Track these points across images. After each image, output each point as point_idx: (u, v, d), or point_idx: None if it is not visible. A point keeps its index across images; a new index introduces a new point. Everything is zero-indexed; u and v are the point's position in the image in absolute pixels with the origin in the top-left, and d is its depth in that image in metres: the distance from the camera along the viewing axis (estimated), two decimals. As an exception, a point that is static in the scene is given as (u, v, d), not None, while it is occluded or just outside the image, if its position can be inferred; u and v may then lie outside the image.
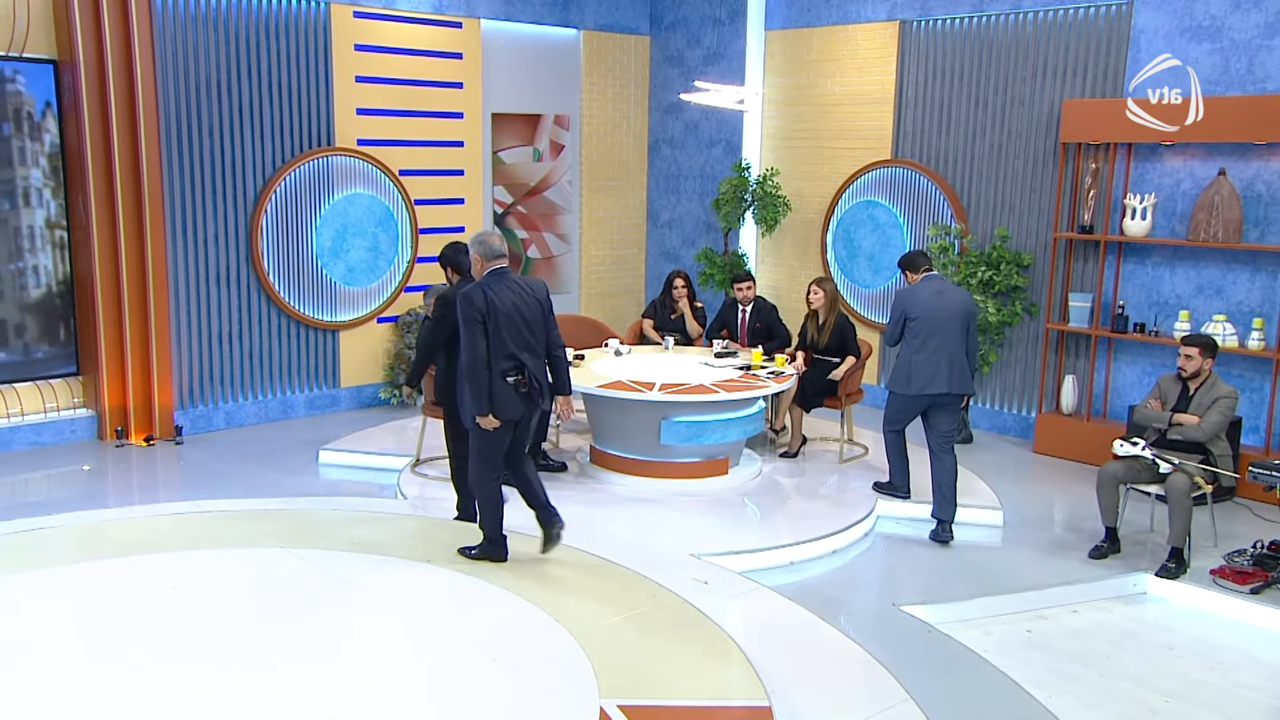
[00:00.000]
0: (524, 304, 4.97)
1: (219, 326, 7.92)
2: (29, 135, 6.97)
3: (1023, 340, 8.14)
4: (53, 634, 4.46)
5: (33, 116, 6.96)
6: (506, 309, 4.91)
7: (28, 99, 6.92)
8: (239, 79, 7.72)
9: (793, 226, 9.51)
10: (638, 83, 10.36)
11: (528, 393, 5.00)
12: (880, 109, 8.78)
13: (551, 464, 6.89)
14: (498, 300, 4.89)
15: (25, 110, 6.93)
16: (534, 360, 5.03)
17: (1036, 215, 7.97)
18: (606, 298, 10.53)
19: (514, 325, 4.93)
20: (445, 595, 4.96)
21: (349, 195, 8.46)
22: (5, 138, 6.92)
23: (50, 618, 4.60)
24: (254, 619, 4.65)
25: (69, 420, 7.49)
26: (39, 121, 6.99)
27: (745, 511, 6.35)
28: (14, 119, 6.90)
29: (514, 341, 4.93)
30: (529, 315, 4.98)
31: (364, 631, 4.56)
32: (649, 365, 7.08)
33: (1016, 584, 5.49)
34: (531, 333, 5.01)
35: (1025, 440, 8.09)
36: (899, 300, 6.18)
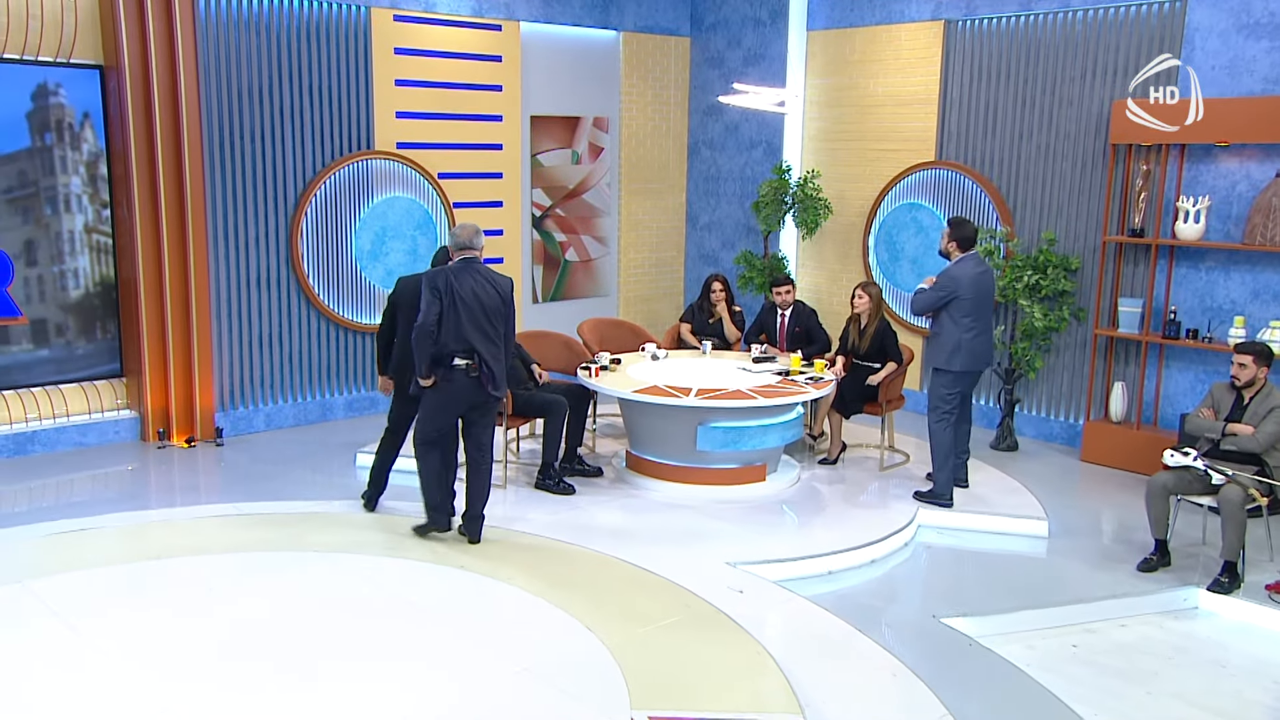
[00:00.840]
0: (484, 293, 5.33)
1: (259, 329, 8.02)
2: (69, 144, 7.14)
3: (1070, 346, 8.00)
4: (93, 636, 4.53)
5: (73, 127, 7.14)
6: (465, 295, 5.26)
7: (69, 110, 7.11)
8: (280, 83, 7.82)
9: (834, 229, 9.43)
10: (677, 84, 10.34)
11: (477, 378, 5.32)
12: (924, 110, 8.68)
13: (587, 469, 6.88)
14: (458, 285, 5.26)
15: (66, 121, 7.12)
16: (488, 347, 5.34)
17: (1085, 218, 7.82)
18: (645, 301, 10.52)
19: (472, 312, 5.27)
20: (477, 601, 4.97)
21: (388, 198, 8.53)
22: (48, 147, 7.08)
23: (91, 619, 4.68)
24: (285, 623, 4.69)
25: (113, 421, 7.64)
26: (79, 131, 7.14)
27: (782, 519, 6.30)
28: (56, 129, 7.09)
29: (470, 326, 5.27)
30: (488, 304, 5.32)
31: (394, 637, 4.58)
32: (686, 370, 7.06)
33: (1062, 597, 5.39)
34: (490, 322, 5.33)
35: (1072, 448, 7.95)
36: (951, 280, 6.27)
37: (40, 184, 7.10)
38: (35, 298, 7.20)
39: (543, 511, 6.24)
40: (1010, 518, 6.30)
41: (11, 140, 6.93)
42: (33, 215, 7.10)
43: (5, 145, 6.92)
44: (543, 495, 6.53)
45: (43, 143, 7.05)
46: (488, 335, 5.34)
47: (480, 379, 5.34)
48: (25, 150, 7.00)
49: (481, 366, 5.31)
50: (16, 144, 6.95)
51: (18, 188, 7.00)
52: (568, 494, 6.53)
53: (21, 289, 7.14)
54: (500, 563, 5.40)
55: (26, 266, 7.11)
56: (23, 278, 7.12)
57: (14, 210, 7.02)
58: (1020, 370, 7.93)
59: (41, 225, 7.14)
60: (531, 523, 6.02)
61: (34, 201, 7.09)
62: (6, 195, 6.98)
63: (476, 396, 5.39)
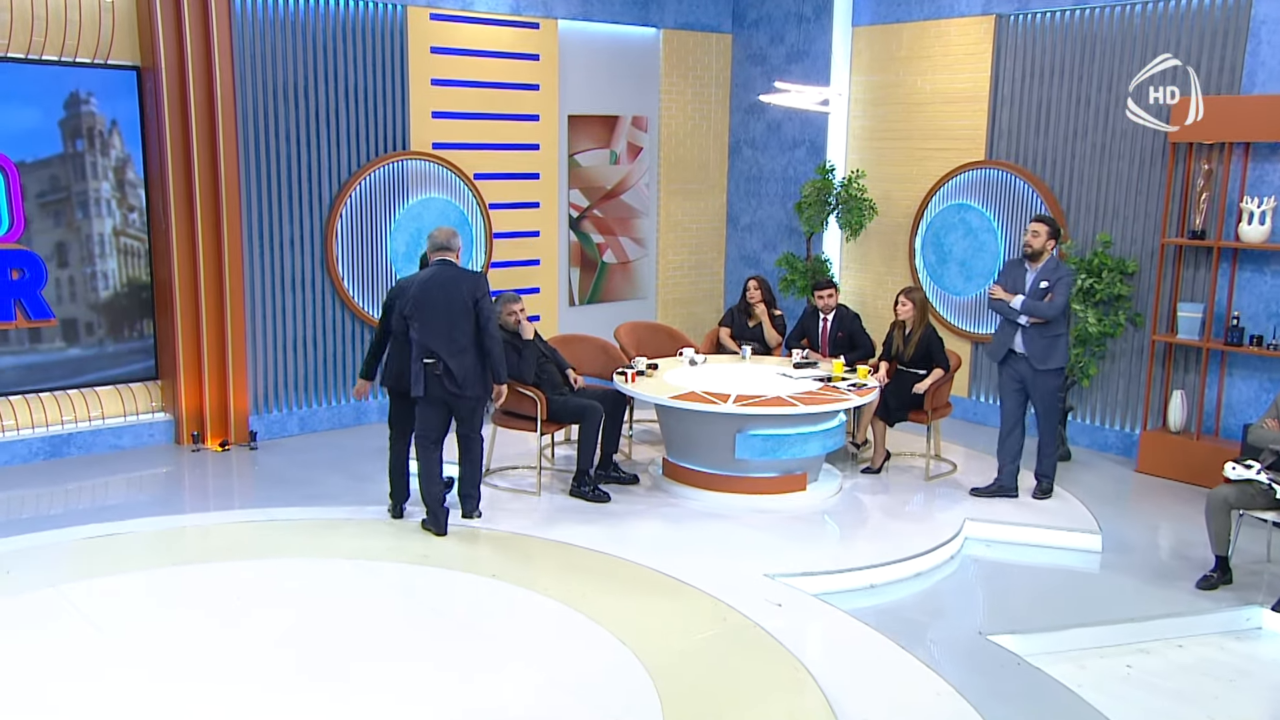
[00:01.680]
0: (449, 295, 5.66)
1: (293, 332, 8.11)
2: (100, 151, 7.28)
3: (1126, 352, 7.84)
4: (123, 642, 4.59)
5: (104, 134, 7.30)
6: (428, 299, 5.65)
7: (99, 118, 7.30)
8: (315, 83, 7.89)
9: (879, 231, 9.34)
10: (718, 82, 10.30)
11: (440, 376, 5.68)
12: (973, 108, 8.56)
13: (623, 476, 6.86)
14: (419, 291, 5.67)
15: (97, 129, 7.29)
16: (447, 346, 5.67)
17: (1142, 220, 7.67)
18: (684, 304, 10.48)
19: (435, 314, 5.65)
20: (509, 612, 4.97)
21: (423, 200, 8.58)
22: (80, 153, 7.23)
23: (122, 625, 4.75)
24: (315, 632, 4.72)
25: (147, 424, 7.75)
26: (108, 138, 7.29)
27: (823, 530, 6.24)
28: (87, 136, 7.25)
29: (431, 329, 5.65)
30: (453, 306, 5.66)
31: (425, 647, 4.59)
32: (724, 375, 7.01)
33: (1116, 614, 5.28)
34: (451, 323, 5.67)
35: (1127, 459, 7.79)
36: (1070, 276, 6.52)
37: (73, 189, 7.24)
38: (67, 298, 7.34)
39: (577, 520, 6.23)
40: (1062, 531, 6.18)
41: (46, 146, 7.11)
42: (64, 218, 7.25)
43: (40, 151, 7.10)
44: (577, 503, 6.52)
45: (74, 149, 7.21)
46: (449, 336, 5.68)
47: (441, 377, 5.71)
48: (58, 156, 7.16)
49: (441, 365, 5.68)
50: (50, 150, 7.13)
51: (50, 192, 7.16)
52: (603, 502, 6.52)
53: (54, 290, 7.28)
54: (533, 572, 5.39)
55: (59, 268, 7.26)
56: (54, 279, 7.26)
57: (47, 214, 7.17)
58: (1074, 377, 7.78)
59: (74, 228, 7.29)
60: (565, 532, 6.01)
61: (66, 205, 7.23)
62: (40, 199, 7.13)
63: (445, 394, 5.77)
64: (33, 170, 7.08)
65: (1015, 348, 6.53)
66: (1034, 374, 6.51)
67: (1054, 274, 6.42)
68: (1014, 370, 6.59)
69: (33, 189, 7.10)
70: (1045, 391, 6.53)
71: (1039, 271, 6.46)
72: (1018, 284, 6.53)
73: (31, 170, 7.07)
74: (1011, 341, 6.53)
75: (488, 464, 7.00)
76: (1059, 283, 6.39)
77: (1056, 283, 6.39)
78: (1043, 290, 6.41)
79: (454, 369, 5.70)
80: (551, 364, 6.88)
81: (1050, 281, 6.40)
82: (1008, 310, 6.48)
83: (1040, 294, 6.42)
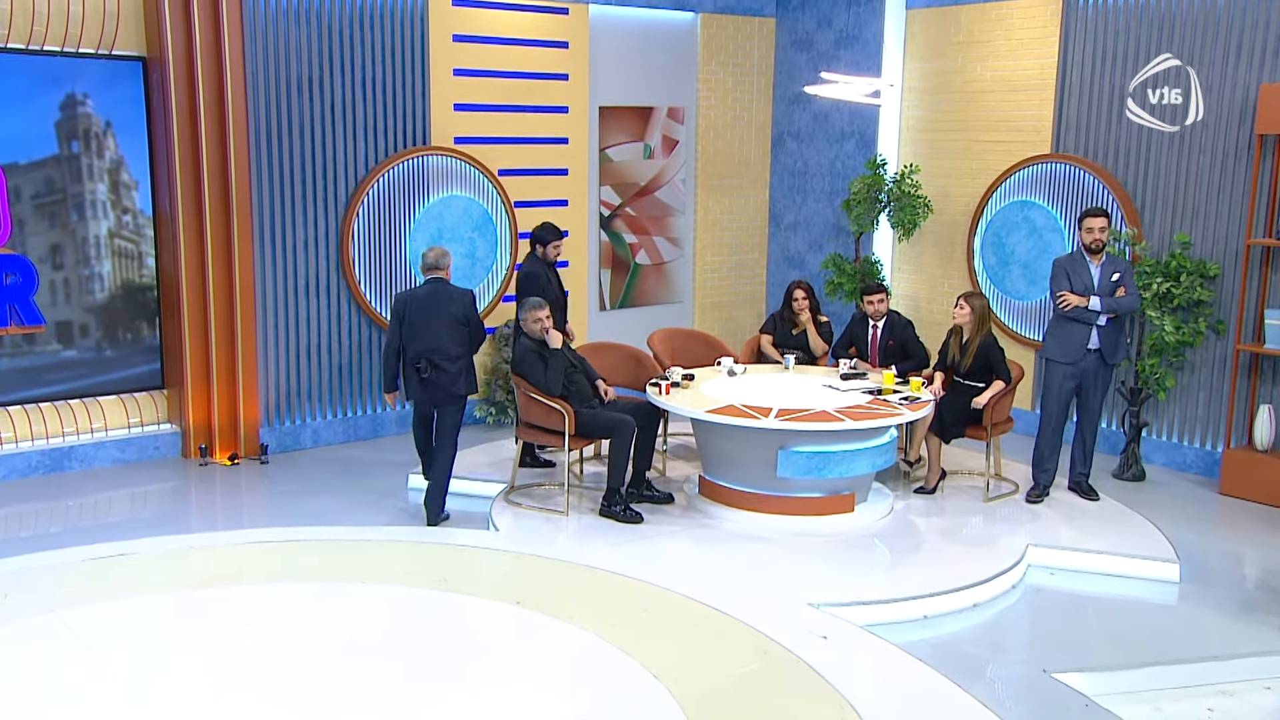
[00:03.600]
0: (437, 307, 6.52)
1: (307, 339, 8.18)
2: (95, 153, 7.41)
3: (1207, 363, 7.71)
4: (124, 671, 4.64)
5: (99, 135, 7.44)
6: (420, 313, 6.51)
7: (95, 120, 7.44)
8: (330, 74, 7.97)
9: (934, 230, 9.26)
10: (761, 70, 10.27)
11: (428, 378, 6.50)
12: (1039, 97, 8.47)
13: (657, 495, 6.85)
14: (413, 302, 6.56)
15: (93, 131, 7.43)
16: (438, 351, 6.50)
17: (1225, 219, 7.54)
18: (722, 309, 10.45)
19: (426, 325, 6.49)
20: (534, 642, 4.97)
21: (445, 198, 8.63)
22: (75, 155, 7.35)
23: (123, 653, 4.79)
24: (327, 661, 4.75)
25: (153, 436, 7.85)
26: (103, 139, 7.42)
27: (873, 555, 6.18)
28: (83, 138, 7.39)
29: (422, 337, 6.50)
30: (444, 318, 6.51)
31: (443, 679, 4.60)
32: (766, 387, 6.98)
33: (1195, 652, 5.19)
34: (446, 333, 6.50)
35: (1209, 479, 7.65)
36: (1129, 263, 6.93)
37: (68, 190, 7.37)
38: (62, 301, 7.46)
39: (607, 542, 6.23)
40: (1135, 559, 6.08)
41: (41, 147, 7.26)
42: (59, 220, 7.38)
43: (35, 152, 7.25)
44: (607, 524, 6.52)
45: (70, 151, 7.33)
46: (440, 341, 6.51)
47: (429, 380, 6.52)
48: (53, 157, 7.30)
49: (431, 369, 6.49)
50: (45, 151, 7.27)
51: (45, 194, 7.29)
52: (635, 523, 6.51)
53: (48, 294, 7.39)
54: (559, 599, 5.39)
55: (53, 270, 7.38)
56: (49, 281, 7.38)
57: (41, 215, 7.30)
58: (1148, 390, 7.67)
59: (68, 231, 7.41)
60: (594, 554, 6.01)
61: (61, 207, 7.36)
62: (35, 201, 7.26)
63: (432, 395, 6.59)
64: (26, 173, 7.20)
65: (1092, 345, 6.82)
66: (1102, 369, 6.89)
67: (1117, 265, 6.80)
68: (1078, 369, 6.87)
69: (27, 191, 7.22)
70: (1107, 385, 6.98)
71: (1104, 265, 6.79)
72: (1085, 282, 6.79)
73: (25, 173, 7.19)
74: (1088, 340, 6.81)
75: (511, 480, 7.02)
76: (1127, 273, 6.77)
77: (1125, 273, 6.76)
78: (1114, 283, 6.74)
79: (446, 368, 6.53)
80: (580, 374, 6.88)
81: (1120, 272, 6.76)
82: (1085, 314, 6.73)
83: (1113, 288, 6.75)
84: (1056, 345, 6.90)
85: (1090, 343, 6.79)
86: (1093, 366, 6.83)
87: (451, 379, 6.54)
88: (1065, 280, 6.80)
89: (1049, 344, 7.00)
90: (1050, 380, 6.98)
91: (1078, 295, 6.72)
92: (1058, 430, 6.98)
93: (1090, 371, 6.84)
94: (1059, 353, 6.88)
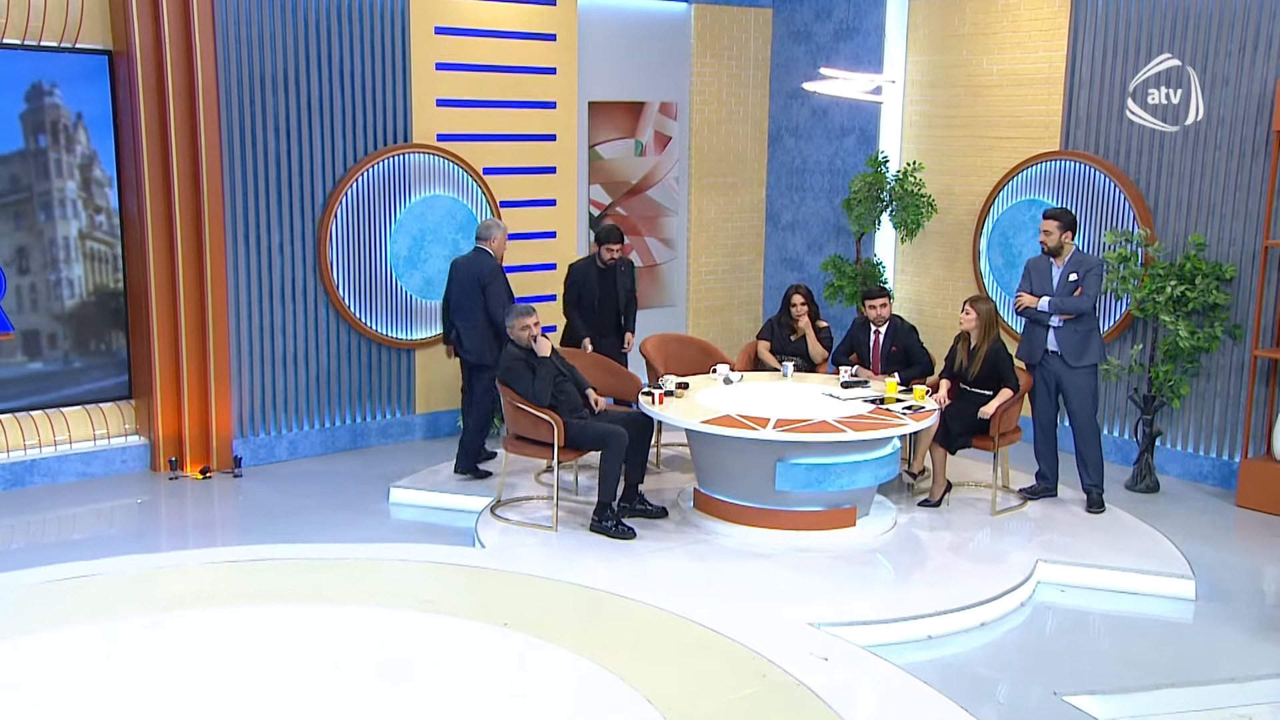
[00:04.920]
0: (464, 277, 7.50)
1: (282, 346, 8.16)
2: (64, 148, 7.38)
3: (1224, 369, 7.75)
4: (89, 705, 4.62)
5: (68, 129, 7.39)
6: (455, 276, 7.59)
7: (64, 111, 7.40)
8: (306, 69, 7.96)
9: (938, 230, 9.29)
10: (757, 63, 10.30)
11: (457, 343, 7.62)
12: (1047, 91, 8.51)
13: (650, 509, 6.86)
14: (453, 269, 7.63)
15: (62, 123, 7.40)
16: (459, 319, 7.54)
17: (1243, 219, 7.58)
18: (717, 313, 10.47)
19: (458, 291, 7.54)
20: (521, 666, 4.96)
21: (427, 198, 8.63)
22: (42, 150, 7.32)
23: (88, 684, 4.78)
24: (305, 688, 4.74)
25: (120, 449, 7.83)
26: (73, 133, 7.38)
27: (875, 572, 6.20)
28: (50, 131, 7.35)
29: (454, 303, 7.59)
30: (465, 286, 7.48)
31: (427, 705, 4.60)
32: (763, 396, 7.00)
33: (1212, 673, 5.21)
34: (465, 299, 7.48)
35: (1226, 490, 7.69)
36: (1100, 267, 6.98)
37: (35, 189, 7.34)
38: (28, 308, 7.42)
39: (597, 559, 6.23)
40: (1149, 575, 6.10)
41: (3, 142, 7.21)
42: (25, 222, 7.34)
43: (0, 147, 7.21)
44: (598, 540, 6.52)
45: (37, 145, 7.31)
46: (460, 310, 7.52)
47: (458, 343, 7.58)
48: (18, 153, 7.26)
49: (456, 333, 7.57)
50: (10, 146, 7.22)
51: (10, 192, 7.25)
52: (627, 538, 6.52)
53: (14, 299, 7.36)
54: (548, 620, 5.39)
55: (19, 274, 7.35)
56: (15, 287, 7.35)
57: (6, 216, 7.27)
58: (1162, 398, 7.70)
59: (35, 232, 7.38)
60: (584, 572, 6.01)
61: (27, 207, 7.33)
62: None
63: (463, 359, 7.62)
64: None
65: (1050, 347, 7.04)
66: (1068, 371, 7.01)
67: (1081, 266, 6.94)
68: (1048, 371, 7.10)
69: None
70: (1080, 390, 7.02)
71: (1065, 266, 6.98)
72: (1045, 284, 7.06)
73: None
74: (1045, 341, 7.05)
75: (497, 494, 7.02)
76: (1088, 274, 6.91)
77: (1086, 275, 6.91)
78: (1072, 284, 6.93)
79: (464, 337, 7.50)
80: (570, 383, 6.88)
81: (1079, 274, 6.92)
82: (1037, 314, 7.02)
83: (1070, 288, 6.94)
84: (1023, 347, 7.29)
85: (1049, 344, 7.03)
86: (1061, 370, 7.04)
87: (473, 346, 7.44)
88: (1027, 281, 7.15)
89: (1020, 345, 7.35)
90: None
91: (1032, 296, 7.03)
92: (1045, 434, 7.25)
93: (1060, 375, 7.06)
94: (1024, 354, 7.25)
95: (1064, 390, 7.09)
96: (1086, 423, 7.07)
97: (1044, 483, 7.31)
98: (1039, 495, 7.27)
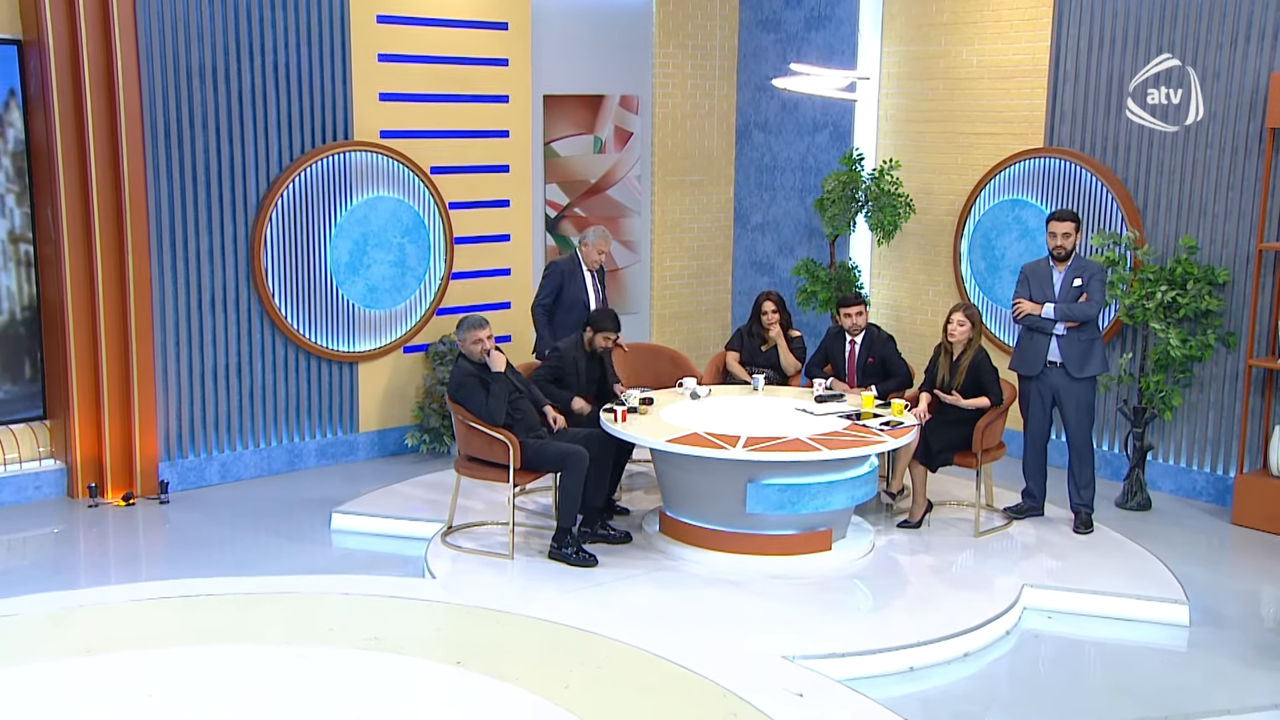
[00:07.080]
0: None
1: (213, 360, 8.11)
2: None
3: (1217, 379, 7.88)
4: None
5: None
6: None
7: None
8: (238, 61, 7.91)
9: (917, 232, 9.37)
10: (724, 53, 10.35)
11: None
12: (1030, 84, 8.62)
13: (613, 534, 6.88)
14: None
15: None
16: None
17: (1235, 220, 7.71)
18: (683, 320, 10.51)
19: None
20: (474, 707, 4.96)
21: (370, 199, 8.60)
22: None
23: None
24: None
25: (33, 474, 7.74)
26: (2, 114, 7.25)
27: (853, 599, 6.25)
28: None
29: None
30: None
31: (375, 753, 4.58)
32: (732, 412, 7.03)
33: (1207, 704, 5.27)
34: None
35: (1220, 507, 7.82)
36: (1102, 271, 7.08)
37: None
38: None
39: (558, 589, 6.24)
40: (1140, 600, 6.18)
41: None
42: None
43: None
44: (557, 568, 6.53)
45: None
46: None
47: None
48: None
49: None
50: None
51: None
52: (588, 566, 6.53)
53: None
54: (502, 656, 5.39)
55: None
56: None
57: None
58: (1153, 410, 7.81)
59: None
60: (542, 603, 6.01)
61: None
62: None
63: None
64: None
65: (1052, 357, 7.08)
66: (1070, 383, 7.07)
67: (1084, 270, 7.02)
68: (1045, 383, 7.16)
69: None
70: (1081, 403, 7.10)
71: (1068, 270, 7.05)
72: (1046, 290, 7.10)
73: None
74: (1047, 352, 7.08)
75: (449, 519, 7.01)
76: (1093, 279, 6.98)
77: (1090, 279, 6.97)
78: (1077, 290, 6.99)
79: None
80: (526, 400, 6.89)
81: (1084, 278, 6.98)
82: (1040, 322, 7.04)
83: (1075, 294, 6.99)
84: (1020, 357, 7.32)
85: (1050, 354, 7.07)
86: (1062, 382, 7.09)
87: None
88: (1025, 287, 7.19)
89: (1014, 356, 7.41)
90: (1021, 395, 7.34)
91: (1033, 304, 7.08)
92: (1037, 449, 7.33)
93: (1060, 387, 7.11)
94: (1021, 365, 7.29)
95: (1061, 404, 7.16)
96: (1083, 439, 7.15)
97: (1030, 501, 7.39)
98: (1025, 514, 7.35)
